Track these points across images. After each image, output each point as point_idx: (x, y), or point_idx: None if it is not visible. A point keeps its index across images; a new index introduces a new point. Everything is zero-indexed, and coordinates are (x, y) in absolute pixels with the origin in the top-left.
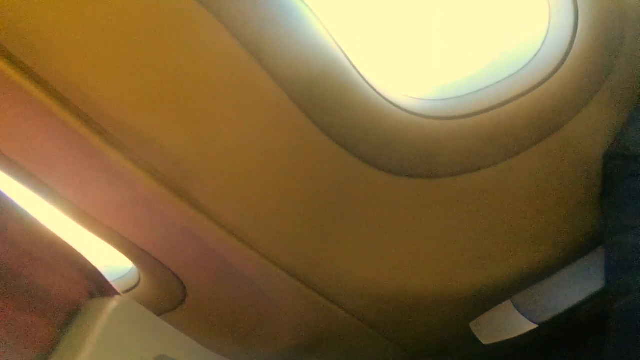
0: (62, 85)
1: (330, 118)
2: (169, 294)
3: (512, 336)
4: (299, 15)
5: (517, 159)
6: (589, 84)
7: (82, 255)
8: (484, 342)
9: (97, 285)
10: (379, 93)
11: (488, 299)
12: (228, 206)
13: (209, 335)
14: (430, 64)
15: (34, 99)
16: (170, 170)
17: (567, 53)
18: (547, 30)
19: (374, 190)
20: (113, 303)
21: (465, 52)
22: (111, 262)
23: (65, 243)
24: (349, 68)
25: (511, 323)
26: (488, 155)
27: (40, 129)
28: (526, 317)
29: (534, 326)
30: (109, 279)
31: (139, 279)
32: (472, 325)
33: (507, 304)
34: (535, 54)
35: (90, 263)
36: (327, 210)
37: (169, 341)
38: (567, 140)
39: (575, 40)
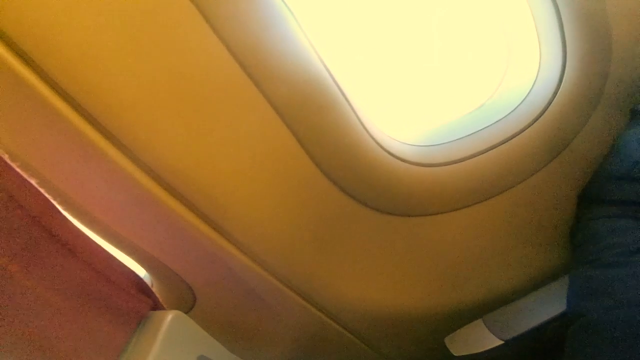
0: (66, 83)
1: (328, 160)
2: (180, 300)
3: (481, 350)
4: (300, 50)
5: (493, 200)
6: (565, 133)
7: (136, 273)
8: (455, 354)
9: (153, 299)
10: (372, 137)
11: (462, 317)
12: (235, 222)
13: (217, 338)
14: (424, 105)
15: (40, 96)
16: (174, 178)
17: (549, 102)
18: (535, 80)
19: (362, 224)
20: (170, 315)
21: (455, 96)
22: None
23: (122, 263)
24: (349, 111)
25: (480, 339)
26: (466, 198)
27: (48, 129)
28: (494, 334)
29: (500, 342)
30: None
31: (151, 284)
32: (446, 339)
33: (479, 322)
34: (520, 103)
35: (142, 280)
36: (323, 237)
37: (207, 345)
38: (543, 182)
39: (559, 91)
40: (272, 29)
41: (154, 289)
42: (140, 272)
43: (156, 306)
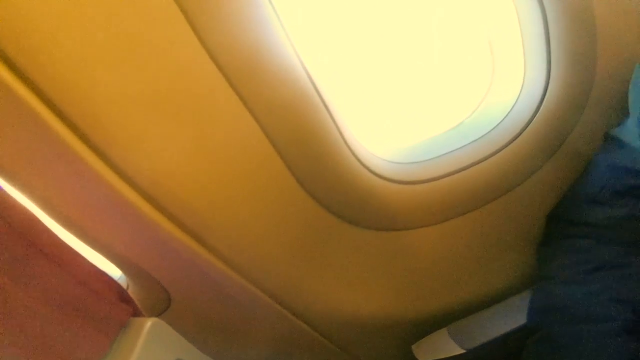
0: (49, 90)
1: (308, 175)
2: (155, 301)
3: (443, 357)
4: (286, 63)
5: (465, 217)
6: (544, 151)
7: (117, 282)
8: None
9: (133, 307)
10: (353, 154)
11: (428, 325)
12: (214, 232)
13: (192, 337)
14: (407, 118)
15: (23, 102)
16: (154, 188)
17: (527, 123)
18: (516, 100)
19: (338, 236)
20: (149, 322)
21: (438, 110)
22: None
23: (104, 272)
24: (332, 127)
25: (444, 347)
26: (439, 215)
27: (32, 136)
28: (456, 343)
29: (461, 351)
30: None
31: (127, 285)
32: (413, 346)
33: (443, 331)
34: (498, 124)
35: (123, 288)
36: (300, 247)
37: (184, 350)
38: (515, 201)
39: (539, 112)
40: (258, 39)
41: (129, 290)
42: (116, 273)
43: (136, 313)
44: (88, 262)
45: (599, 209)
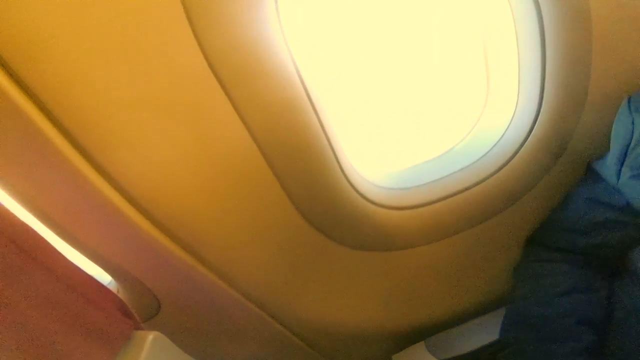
0: (41, 88)
1: (302, 197)
2: (144, 305)
3: None
4: (286, 81)
5: (449, 240)
6: (529, 179)
7: (119, 297)
8: None
9: (134, 320)
10: (347, 179)
11: (408, 338)
12: (208, 246)
13: (182, 342)
14: (400, 141)
15: (19, 107)
16: (147, 199)
17: (515, 153)
18: (505, 130)
19: (327, 255)
20: (151, 336)
21: (430, 134)
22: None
23: (106, 287)
24: (328, 150)
25: (421, 358)
26: (426, 237)
27: (24, 140)
28: (433, 355)
29: None
30: None
31: (117, 290)
32: (394, 357)
33: (421, 344)
34: (486, 153)
35: (124, 303)
36: (290, 263)
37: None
38: (498, 225)
39: (527, 142)
40: (260, 52)
41: (119, 294)
42: (106, 278)
43: (137, 326)
44: (90, 277)
45: (575, 237)
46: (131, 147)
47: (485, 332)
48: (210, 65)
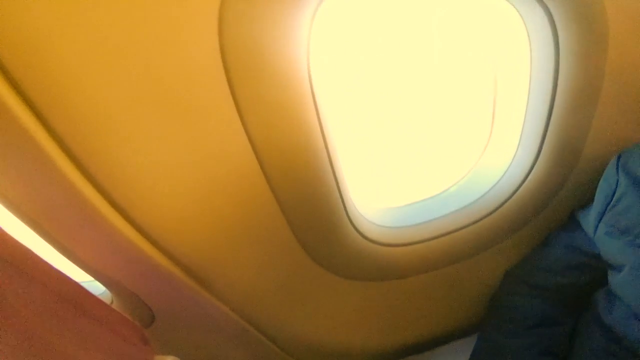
0: (56, 120)
1: (303, 229)
2: (138, 317)
3: None
4: (303, 117)
5: (438, 271)
6: (517, 223)
7: (138, 325)
8: None
9: (151, 346)
10: (349, 217)
11: (392, 356)
12: (210, 268)
13: (176, 352)
14: (400, 178)
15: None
16: (153, 226)
17: (507, 199)
18: (504, 174)
19: (322, 283)
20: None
21: (427, 174)
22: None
23: (125, 317)
24: (334, 187)
25: None
26: (416, 270)
27: (29, 161)
28: None
29: None
30: None
31: (112, 300)
32: None
33: None
34: (483, 195)
35: (143, 330)
36: (286, 288)
37: None
38: (483, 261)
39: (521, 188)
40: (284, 82)
41: (113, 305)
42: (100, 288)
43: (153, 351)
44: (111, 308)
45: (550, 276)
46: (129, 162)
47: (458, 356)
48: (233, 93)
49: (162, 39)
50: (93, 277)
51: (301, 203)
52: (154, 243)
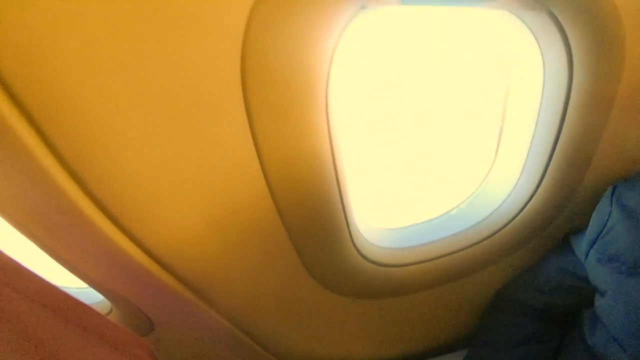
0: (65, 147)
1: (314, 261)
2: (138, 325)
3: None
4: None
5: (435, 289)
6: (515, 246)
7: (149, 345)
8: None
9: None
10: (355, 247)
11: None
12: (213, 286)
13: (174, 358)
14: (401, 198)
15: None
16: (158, 245)
17: (507, 223)
18: (505, 199)
19: (329, 304)
20: None
21: (428, 196)
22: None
23: (128, 331)
24: (340, 212)
25: None
26: (414, 288)
27: (38, 191)
28: None
29: None
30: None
31: (112, 308)
32: None
33: None
34: (483, 219)
35: (147, 343)
36: (290, 308)
37: None
38: (477, 280)
39: (520, 213)
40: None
41: (112, 314)
42: (98, 297)
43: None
44: (118, 327)
45: (540, 296)
46: (132, 179)
47: None
48: (247, 107)
49: (177, 41)
50: (91, 286)
51: (307, 226)
52: (155, 258)
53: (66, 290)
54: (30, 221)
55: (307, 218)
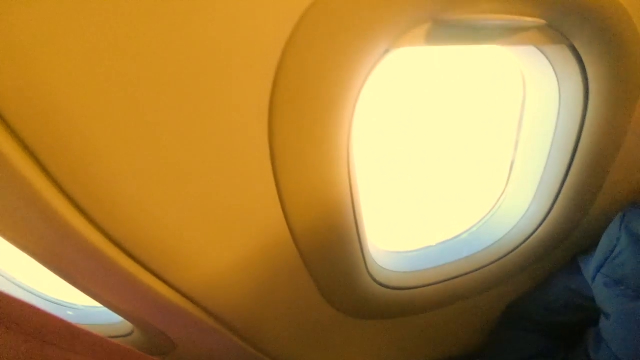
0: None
1: (331, 290)
2: (159, 345)
3: None
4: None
5: (443, 309)
6: (520, 269)
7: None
8: None
9: None
10: (370, 274)
11: None
12: (232, 315)
13: None
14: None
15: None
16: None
17: (514, 249)
18: (513, 226)
19: (343, 327)
20: None
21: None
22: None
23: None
24: (355, 241)
25: None
26: (422, 308)
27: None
28: None
29: None
30: (105, 322)
31: (133, 328)
32: None
33: None
34: (491, 244)
35: None
36: (306, 332)
37: None
38: (485, 299)
39: (527, 240)
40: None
41: (133, 335)
42: (119, 317)
43: None
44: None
45: (548, 314)
46: (155, 224)
47: None
48: (273, 163)
49: (206, 87)
50: (113, 311)
51: (325, 261)
52: (183, 295)
53: (86, 309)
54: (54, 259)
55: (325, 254)
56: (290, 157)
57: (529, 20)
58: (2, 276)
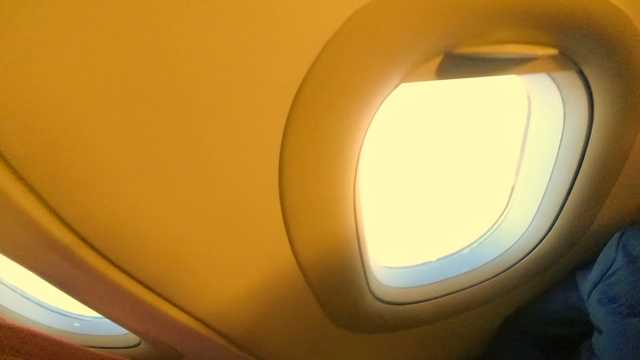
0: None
1: (335, 310)
2: (166, 356)
3: None
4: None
5: (444, 321)
6: (520, 281)
7: None
8: None
9: None
10: (372, 293)
11: None
12: (237, 331)
13: None
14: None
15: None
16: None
17: (514, 264)
18: (513, 243)
19: (345, 341)
20: None
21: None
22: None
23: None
24: (362, 279)
25: None
26: (429, 320)
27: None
28: None
29: None
30: (112, 333)
31: (139, 343)
32: None
33: None
34: (491, 260)
35: None
36: (312, 348)
37: None
38: (483, 311)
39: (528, 256)
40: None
41: (141, 347)
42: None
43: None
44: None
45: (545, 327)
46: (167, 256)
47: None
48: (283, 209)
49: (217, 139)
50: (120, 326)
51: (330, 286)
52: (191, 315)
53: (93, 320)
54: (61, 278)
55: (330, 281)
56: (298, 196)
57: (541, 53)
58: (7, 287)
